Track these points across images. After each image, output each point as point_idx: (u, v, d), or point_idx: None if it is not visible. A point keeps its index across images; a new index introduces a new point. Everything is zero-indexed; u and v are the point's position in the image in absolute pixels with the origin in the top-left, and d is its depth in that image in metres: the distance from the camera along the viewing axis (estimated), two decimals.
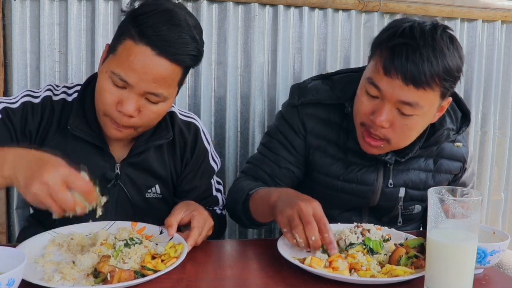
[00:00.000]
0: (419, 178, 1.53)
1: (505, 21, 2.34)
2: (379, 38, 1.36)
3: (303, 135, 1.53)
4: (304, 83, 1.59)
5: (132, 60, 1.23)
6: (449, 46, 1.29)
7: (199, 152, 1.51)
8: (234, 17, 2.03)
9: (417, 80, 1.26)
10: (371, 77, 1.33)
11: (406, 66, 1.25)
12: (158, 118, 1.35)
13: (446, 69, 1.27)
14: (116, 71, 1.24)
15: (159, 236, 1.25)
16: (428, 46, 1.26)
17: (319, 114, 1.52)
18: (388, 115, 1.32)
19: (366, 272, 1.10)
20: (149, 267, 1.07)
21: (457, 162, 1.57)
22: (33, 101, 1.38)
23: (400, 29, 1.30)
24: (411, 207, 1.56)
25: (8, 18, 1.86)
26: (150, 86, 1.25)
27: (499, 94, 2.39)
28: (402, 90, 1.28)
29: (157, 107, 1.30)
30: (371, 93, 1.33)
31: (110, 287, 0.98)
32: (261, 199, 1.34)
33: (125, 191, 1.42)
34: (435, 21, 1.34)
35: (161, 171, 1.46)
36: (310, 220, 1.14)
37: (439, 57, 1.26)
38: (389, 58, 1.28)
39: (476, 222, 0.97)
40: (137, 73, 1.23)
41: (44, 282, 0.99)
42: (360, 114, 1.38)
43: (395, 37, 1.29)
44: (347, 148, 1.50)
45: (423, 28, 1.29)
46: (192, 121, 1.52)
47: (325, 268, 1.12)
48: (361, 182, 1.50)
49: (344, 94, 1.50)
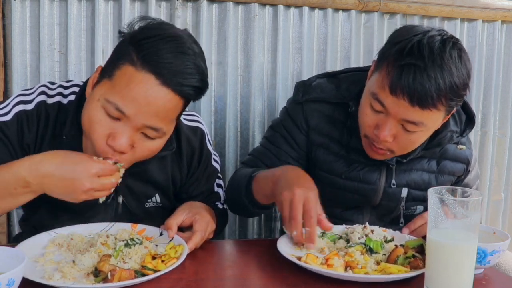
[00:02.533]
0: (421, 178, 1.53)
1: (505, 21, 2.34)
2: (387, 51, 1.31)
3: (305, 131, 1.54)
4: (309, 81, 1.59)
5: (133, 88, 1.10)
6: (457, 64, 1.26)
7: (205, 158, 1.46)
8: (234, 17, 2.03)
9: (423, 102, 1.24)
10: (376, 93, 1.31)
11: (413, 87, 1.23)
12: (151, 155, 1.23)
13: (453, 89, 1.26)
14: (112, 99, 1.11)
15: (159, 238, 1.25)
16: (436, 66, 1.23)
17: (323, 111, 1.52)
18: (391, 130, 1.32)
19: (361, 270, 1.11)
20: (149, 267, 1.07)
21: (460, 164, 1.57)
22: (27, 109, 1.28)
23: (409, 46, 1.26)
24: (413, 208, 1.56)
25: (8, 18, 1.86)
26: (150, 120, 1.13)
27: (499, 94, 2.39)
28: (408, 110, 1.27)
29: (153, 144, 1.19)
30: (375, 108, 1.33)
31: (110, 285, 0.98)
32: (264, 178, 1.35)
33: (124, 201, 1.37)
34: (444, 33, 1.30)
35: (161, 180, 1.39)
36: (296, 215, 1.15)
37: (447, 77, 1.24)
38: (396, 78, 1.25)
39: (476, 222, 0.97)
40: (137, 103, 1.10)
41: (44, 280, 0.99)
42: (364, 127, 1.38)
43: (403, 56, 1.25)
44: (350, 146, 1.50)
45: (432, 46, 1.25)
46: (197, 125, 1.44)
47: (321, 265, 1.12)
48: (363, 180, 1.50)
49: (348, 93, 1.50)
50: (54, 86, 1.35)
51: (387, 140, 1.32)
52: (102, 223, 1.29)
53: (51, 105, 1.30)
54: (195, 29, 1.99)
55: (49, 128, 1.29)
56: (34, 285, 0.99)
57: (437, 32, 1.29)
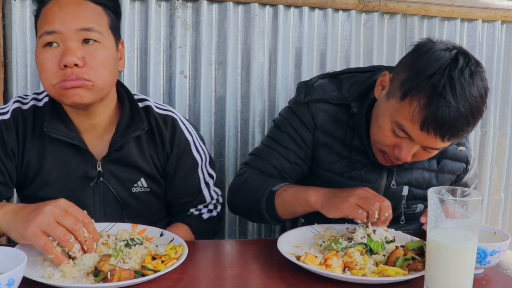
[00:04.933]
0: (422, 177, 1.54)
1: (505, 21, 2.34)
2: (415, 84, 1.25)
3: (313, 129, 1.53)
4: (311, 81, 1.59)
5: (53, 13, 1.25)
6: (483, 97, 1.27)
7: (179, 144, 1.47)
8: (234, 17, 2.03)
9: (454, 137, 1.28)
10: (402, 124, 1.29)
11: (447, 128, 1.24)
12: (104, 67, 1.29)
13: (479, 119, 1.29)
14: (41, 31, 1.25)
15: (160, 238, 1.25)
16: (467, 105, 1.23)
17: (328, 110, 1.52)
18: (412, 151, 1.34)
19: (359, 271, 1.11)
20: (149, 267, 1.07)
21: (460, 162, 1.58)
22: (4, 118, 1.37)
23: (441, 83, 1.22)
24: (414, 206, 1.57)
25: (8, 18, 1.86)
26: (78, 22, 1.24)
27: (499, 94, 2.39)
28: (435, 142, 1.29)
29: (98, 50, 1.27)
30: (398, 134, 1.32)
31: (110, 285, 0.98)
32: (294, 196, 1.37)
33: (110, 188, 1.40)
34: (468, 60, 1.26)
35: (143, 164, 1.43)
36: (384, 198, 1.25)
37: (476, 117, 1.27)
38: (430, 117, 1.23)
39: (476, 222, 0.97)
40: (60, 16, 1.24)
41: (44, 279, 0.99)
42: (382, 145, 1.39)
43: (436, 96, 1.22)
44: (353, 146, 1.51)
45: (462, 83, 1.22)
46: (169, 113, 1.48)
47: (319, 266, 1.12)
48: (364, 180, 1.51)
49: (350, 95, 1.50)
50: (27, 96, 1.44)
51: (407, 161, 1.35)
52: (103, 223, 1.29)
53: (26, 110, 1.40)
54: (195, 29, 1.99)
55: (28, 130, 1.38)
56: (34, 285, 0.99)
57: (462, 59, 1.25)
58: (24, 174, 1.40)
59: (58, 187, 1.38)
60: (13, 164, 1.38)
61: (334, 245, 1.21)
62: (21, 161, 1.39)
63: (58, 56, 1.24)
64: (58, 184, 1.38)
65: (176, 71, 1.99)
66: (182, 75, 2.01)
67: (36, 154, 1.38)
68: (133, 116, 1.41)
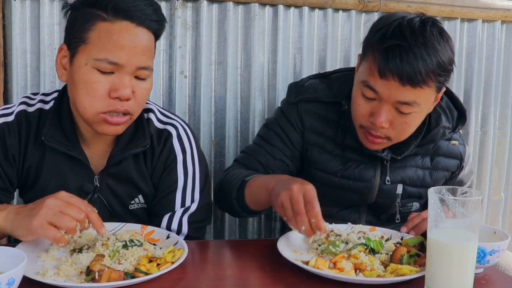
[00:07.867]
0: (416, 175, 1.54)
1: (505, 21, 2.34)
2: (370, 40, 1.36)
3: (300, 130, 1.55)
4: (302, 82, 1.61)
5: (116, 38, 1.18)
6: (439, 41, 1.31)
7: (166, 160, 1.39)
8: (234, 17, 2.03)
9: (413, 79, 1.27)
10: (366, 80, 1.34)
11: (401, 67, 1.27)
12: (147, 95, 1.30)
13: (440, 64, 1.30)
14: (101, 56, 1.18)
15: (166, 241, 1.25)
16: (420, 44, 1.28)
17: (317, 111, 1.54)
18: (387, 115, 1.34)
19: (372, 272, 1.10)
20: (141, 270, 1.06)
21: (454, 159, 1.58)
22: (7, 120, 1.33)
23: (390, 29, 1.30)
24: (409, 204, 1.57)
25: (8, 18, 1.86)
26: (140, 60, 1.21)
27: (499, 94, 2.39)
28: (399, 91, 1.29)
29: (146, 84, 1.26)
30: (367, 95, 1.35)
31: (97, 285, 0.98)
32: (259, 186, 1.34)
33: (105, 203, 1.37)
34: (422, 15, 1.35)
35: (140, 181, 1.39)
36: (299, 209, 1.12)
37: (432, 54, 1.28)
38: (383, 61, 1.29)
39: (476, 222, 0.97)
40: (126, 49, 1.19)
41: (38, 276, 1.00)
42: (359, 117, 1.39)
43: (386, 39, 1.30)
44: (345, 145, 1.52)
45: (412, 26, 1.30)
46: (167, 127, 1.41)
47: (330, 269, 1.11)
48: (358, 178, 1.51)
49: (340, 93, 1.52)
50: (35, 97, 1.40)
51: (384, 126, 1.34)
52: (113, 222, 1.28)
53: (31, 113, 1.35)
54: (195, 29, 1.99)
55: (31, 136, 1.34)
56: (34, 284, 0.99)
57: (415, 15, 1.34)
58: (25, 179, 1.38)
59: None
60: (14, 170, 1.35)
61: (332, 248, 1.20)
62: (22, 167, 1.36)
63: (111, 84, 1.20)
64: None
65: (176, 71, 1.99)
66: (182, 75, 2.01)
67: (36, 161, 1.35)
68: (137, 130, 1.36)
